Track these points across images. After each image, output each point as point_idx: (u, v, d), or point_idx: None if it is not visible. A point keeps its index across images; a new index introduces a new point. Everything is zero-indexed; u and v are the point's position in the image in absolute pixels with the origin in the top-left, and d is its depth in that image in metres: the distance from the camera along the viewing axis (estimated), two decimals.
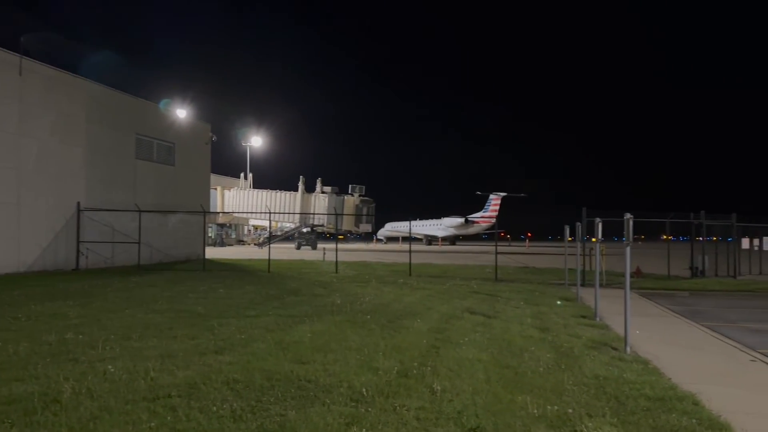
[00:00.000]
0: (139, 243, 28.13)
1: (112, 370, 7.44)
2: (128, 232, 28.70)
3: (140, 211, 28.36)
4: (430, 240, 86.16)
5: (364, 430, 5.45)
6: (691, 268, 26.27)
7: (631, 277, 10.58)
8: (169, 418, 5.72)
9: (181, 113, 37.09)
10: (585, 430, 5.59)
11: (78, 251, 27.02)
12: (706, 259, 26.32)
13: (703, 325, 12.95)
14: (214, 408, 5.99)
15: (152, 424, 5.56)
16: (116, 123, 30.17)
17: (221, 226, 72.59)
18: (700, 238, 26.81)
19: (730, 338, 11.29)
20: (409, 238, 36.00)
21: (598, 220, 12.11)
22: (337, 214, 44.44)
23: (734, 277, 26.05)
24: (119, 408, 6.00)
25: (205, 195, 38.59)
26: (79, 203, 27.27)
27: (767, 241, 28.06)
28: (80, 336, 9.78)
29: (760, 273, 27.56)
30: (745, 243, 27.77)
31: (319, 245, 58.12)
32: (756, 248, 27.96)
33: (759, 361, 9.27)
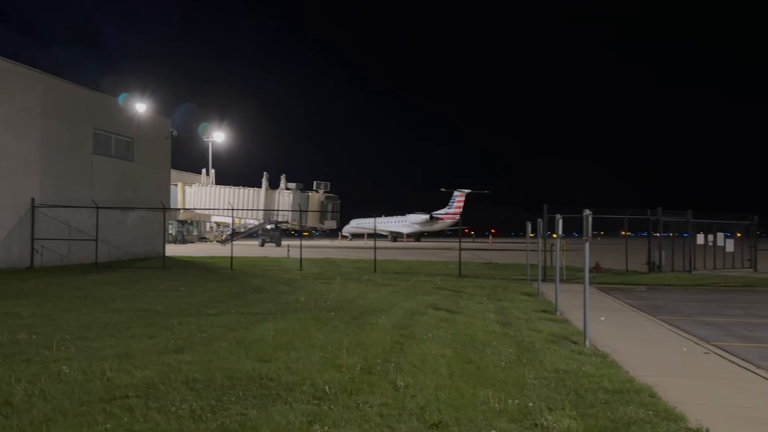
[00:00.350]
0: (96, 240, 27.42)
1: (67, 370, 7.23)
2: (85, 229, 27.96)
3: (98, 208, 27.66)
4: (396, 236, 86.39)
5: (326, 427, 5.41)
6: (648, 263, 26.92)
7: (591, 272, 10.79)
8: (125, 419, 5.58)
9: (141, 107, 36.27)
10: (545, 423, 5.66)
11: (32, 249, 26.18)
12: (663, 255, 27.00)
13: (659, 319, 13.29)
14: (173, 408, 5.87)
15: (108, 425, 5.42)
16: (73, 117, 29.31)
17: (182, 222, 71.31)
18: (658, 234, 27.50)
19: (685, 331, 11.61)
20: (374, 235, 35.97)
21: (558, 216, 12.31)
22: (301, 210, 44.04)
23: (690, 271, 26.80)
24: (74, 410, 5.83)
25: (166, 191, 37.84)
26: (33, 199, 26.40)
27: (721, 237, 28.91)
28: (34, 336, 9.49)
29: (714, 268, 28.39)
30: (700, 239, 28.54)
31: (284, 242, 57.65)
32: (710, 244, 28.76)
33: (712, 353, 9.54)
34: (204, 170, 68.27)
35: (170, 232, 64.09)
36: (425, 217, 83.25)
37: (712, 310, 15.28)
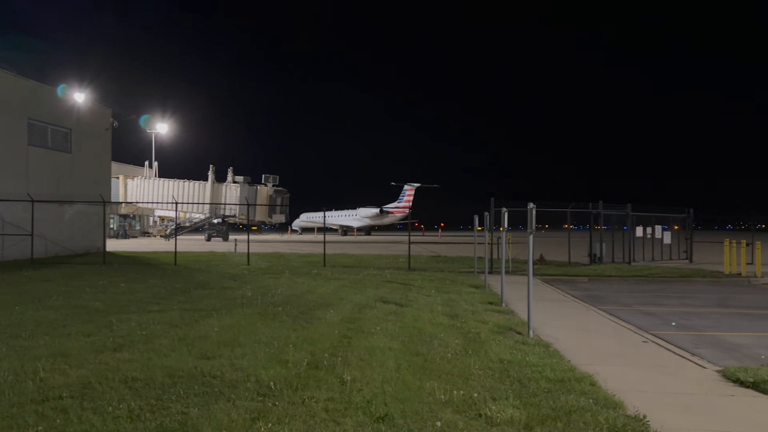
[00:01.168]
0: (32, 235, 26.24)
1: None
2: (20, 223, 26.74)
3: (33, 201, 26.45)
4: (346, 230, 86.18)
5: (270, 424, 5.31)
6: (590, 255, 27.72)
7: (535, 264, 10.99)
8: (58, 420, 5.35)
9: (80, 97, 34.81)
10: (489, 413, 5.72)
11: None
12: (604, 247, 27.85)
13: (600, 309, 13.69)
14: (110, 408, 5.65)
15: (40, 427, 5.18)
16: (5, 106, 27.91)
17: (124, 217, 69.09)
18: (599, 227, 28.32)
19: (625, 321, 12.00)
20: (324, 229, 35.72)
21: (504, 209, 12.49)
22: (249, 204, 43.25)
23: (629, 263, 27.72)
24: (3, 412, 5.56)
25: (106, 184, 36.55)
26: None
27: (659, 230, 30.03)
28: None
29: (653, 259, 29.48)
30: (639, 231, 29.56)
31: (231, 237, 56.63)
32: (649, 236, 29.83)
33: (650, 342, 9.89)
34: (147, 163, 66.24)
35: (111, 226, 62.11)
36: (375, 210, 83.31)
37: (651, 300, 15.86)
